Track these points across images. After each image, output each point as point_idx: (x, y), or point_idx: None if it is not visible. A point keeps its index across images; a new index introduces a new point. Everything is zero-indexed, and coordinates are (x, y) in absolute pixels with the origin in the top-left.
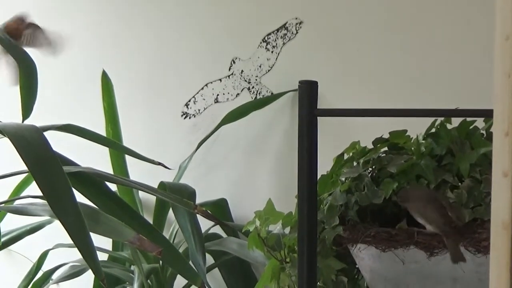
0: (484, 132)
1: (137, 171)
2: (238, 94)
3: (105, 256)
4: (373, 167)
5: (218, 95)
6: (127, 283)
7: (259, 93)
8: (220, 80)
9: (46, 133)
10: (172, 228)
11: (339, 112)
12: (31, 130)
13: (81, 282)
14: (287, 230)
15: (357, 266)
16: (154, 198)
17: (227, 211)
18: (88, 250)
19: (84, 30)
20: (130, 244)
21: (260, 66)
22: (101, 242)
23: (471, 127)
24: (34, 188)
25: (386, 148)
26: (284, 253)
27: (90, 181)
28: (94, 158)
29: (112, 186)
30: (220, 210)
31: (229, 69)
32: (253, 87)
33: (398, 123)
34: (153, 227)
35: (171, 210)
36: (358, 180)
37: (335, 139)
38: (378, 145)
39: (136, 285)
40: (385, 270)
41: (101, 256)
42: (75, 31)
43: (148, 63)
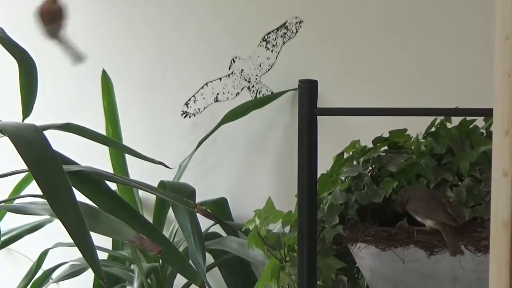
0: (484, 131)
1: (137, 170)
2: (238, 93)
3: (105, 255)
4: (373, 166)
5: (218, 94)
6: (127, 282)
7: (259, 92)
8: (220, 79)
9: (46, 132)
10: (172, 227)
11: (339, 111)
12: (31, 129)
13: (81, 281)
14: (287, 229)
15: (357, 265)
16: (154, 197)
17: (227, 210)
18: (88, 249)
19: (84, 29)
20: (130, 243)
21: (260, 65)
22: (101, 241)
23: (471, 126)
24: (34, 187)
25: (386, 147)
26: (284, 252)
27: (90, 180)
28: (94, 157)
29: (112, 185)
30: (220, 209)
31: (229, 68)
32: (253, 86)
33: (398, 122)
34: (153, 226)
35: (171, 209)
36: (358, 179)
37: (335, 138)
38: (378, 144)
39: (136, 284)
40: (385, 269)
41: (101, 255)
42: (75, 30)
43: (148, 62)
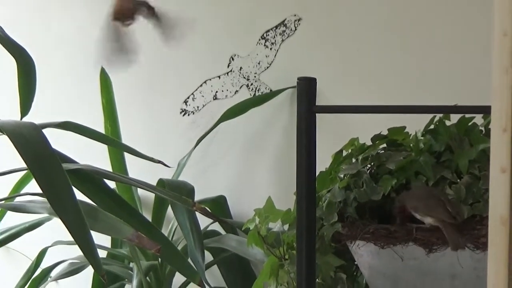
0: (483, 128)
1: (136, 168)
2: (237, 91)
3: (104, 253)
4: (372, 163)
5: (217, 92)
6: (126, 280)
7: (258, 90)
8: (219, 77)
9: (45, 131)
10: (171, 225)
11: (338, 109)
12: (29, 127)
13: (80, 279)
14: (286, 227)
15: (356, 262)
16: (153, 195)
17: (226, 208)
18: (88, 247)
19: (83, 27)
20: (128, 242)
21: (259, 63)
22: (99, 239)
23: (469, 124)
24: (33, 186)
25: (384, 145)
26: (283, 250)
27: (89, 178)
28: (92, 155)
29: (111, 184)
30: (219, 207)
31: (228, 66)
32: (251, 84)
33: (396, 120)
34: (152, 224)
35: (170, 207)
36: (357, 176)
37: (334, 136)
38: (377, 142)
39: (135, 282)
40: (384, 267)
41: (100, 253)
42: (74, 28)
43: (147, 60)
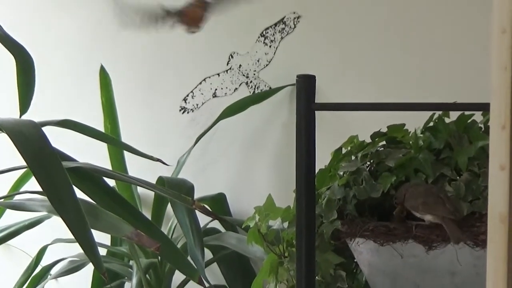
0: (482, 125)
1: (135, 166)
2: (236, 89)
3: (103, 251)
4: (371, 161)
5: (216, 89)
6: (126, 278)
7: (257, 88)
8: (218, 74)
9: (44, 129)
10: (170, 223)
11: (337, 106)
12: (29, 125)
13: (80, 277)
14: (286, 224)
15: (355, 260)
16: (153, 193)
17: (226, 206)
18: (89, 245)
19: (83, 25)
20: (128, 240)
21: (258, 61)
22: (99, 237)
23: (469, 121)
24: (32, 184)
25: (384, 142)
26: (283, 247)
27: (88, 176)
28: (92, 153)
29: (111, 182)
30: (218, 204)
31: (227, 63)
32: (251, 82)
33: (396, 118)
34: (151, 222)
35: (169, 205)
36: (356, 174)
37: (333, 133)
38: (376, 139)
39: (135, 280)
40: (383, 264)
41: (100, 251)
42: (74, 26)
43: (146, 58)
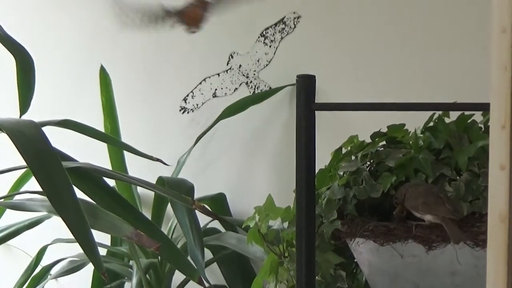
0: (482, 125)
1: (135, 166)
2: (236, 89)
3: (103, 251)
4: (371, 161)
5: (216, 89)
6: (126, 278)
7: (257, 88)
8: (218, 74)
9: (45, 129)
10: (170, 223)
11: (337, 106)
12: (29, 125)
13: (80, 277)
14: (286, 224)
15: (355, 260)
16: (153, 193)
17: (226, 206)
18: (89, 245)
19: (83, 25)
20: (128, 240)
21: (258, 61)
22: (99, 237)
23: (469, 121)
24: (32, 184)
25: (384, 142)
26: (283, 247)
27: (88, 176)
28: (92, 153)
29: (111, 182)
30: (218, 204)
31: (227, 63)
32: (251, 82)
33: (396, 118)
34: (151, 222)
35: (169, 205)
36: (356, 174)
37: (333, 133)
38: (376, 139)
39: (135, 280)
40: (383, 264)
41: (100, 251)
42: (74, 26)
43: (146, 57)
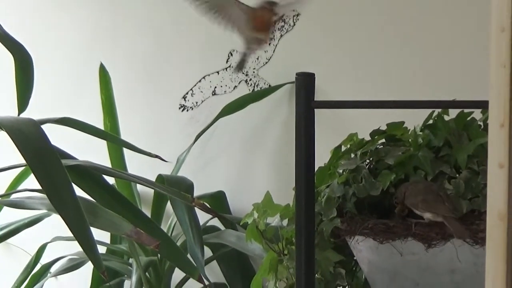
0: (481, 123)
1: (135, 164)
2: (235, 87)
3: (103, 249)
4: (371, 159)
5: (215, 87)
6: (126, 276)
7: (257, 86)
8: (218, 72)
9: (44, 127)
10: (170, 221)
11: (336, 104)
12: (28, 123)
13: (80, 275)
14: (285, 222)
15: (355, 258)
16: (152, 191)
17: (225, 204)
18: (88, 243)
19: (82, 23)
20: (127, 238)
21: (258, 59)
22: (99, 235)
23: (468, 119)
24: (31, 182)
25: (383, 140)
26: (282, 245)
27: (88, 174)
28: (92, 151)
29: (110, 180)
30: (218, 202)
31: (227, 61)
32: (250, 80)
33: (395, 115)
34: (151, 220)
35: (169, 203)
36: (356, 172)
37: (333, 131)
38: (376, 137)
39: (134, 278)
40: (383, 262)
41: (99, 249)
42: (73, 23)
43: (145, 55)
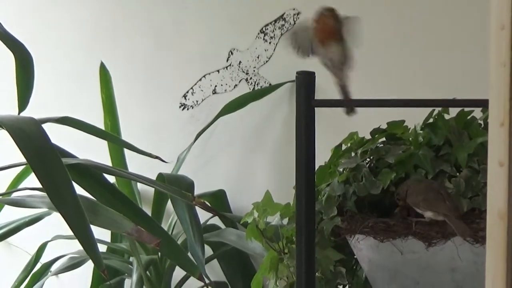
0: (481, 122)
1: (135, 163)
2: (236, 85)
3: (104, 248)
4: (371, 157)
5: (216, 86)
6: (126, 274)
7: (257, 84)
8: (218, 71)
9: (45, 126)
10: (170, 219)
11: (337, 103)
12: (29, 122)
13: (80, 273)
14: (285, 221)
15: (355, 256)
16: (153, 189)
17: (226, 202)
18: (88, 242)
19: (82, 22)
20: (128, 236)
21: (258, 57)
22: (99, 234)
23: (468, 117)
24: (32, 180)
25: (384, 139)
26: (283, 244)
27: (88, 173)
28: (92, 150)
29: (111, 178)
30: (218, 201)
31: (227, 60)
32: (251, 78)
33: (395, 114)
34: (151, 218)
35: (169, 202)
36: (356, 170)
37: (333, 130)
38: (376, 136)
39: (135, 276)
40: (383, 261)
41: (100, 248)
42: (74, 22)
43: (146, 54)
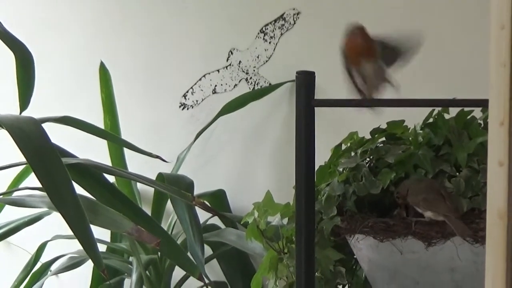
0: (481, 122)
1: (135, 162)
2: (236, 85)
3: (103, 248)
4: (371, 157)
5: (216, 86)
6: (126, 274)
7: (257, 84)
8: (218, 71)
9: (44, 125)
10: (170, 219)
11: (336, 103)
12: (29, 122)
13: (80, 273)
14: (285, 220)
15: (355, 256)
16: (153, 189)
17: (225, 202)
18: (88, 242)
19: (83, 21)
20: (128, 236)
21: (258, 57)
22: (99, 234)
23: (468, 117)
24: (32, 180)
25: (383, 138)
26: (282, 244)
27: (88, 172)
28: (92, 150)
29: (111, 178)
30: (218, 201)
31: (227, 60)
32: (251, 78)
33: (395, 114)
34: (151, 218)
35: (169, 202)
36: (356, 170)
37: (333, 129)
38: (376, 135)
39: (135, 276)
40: (383, 260)
41: (99, 247)
42: (74, 22)
43: (146, 54)
